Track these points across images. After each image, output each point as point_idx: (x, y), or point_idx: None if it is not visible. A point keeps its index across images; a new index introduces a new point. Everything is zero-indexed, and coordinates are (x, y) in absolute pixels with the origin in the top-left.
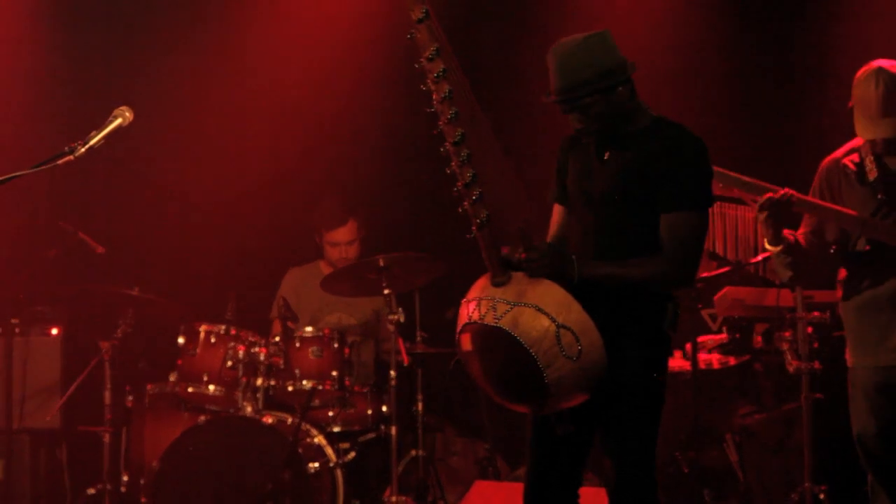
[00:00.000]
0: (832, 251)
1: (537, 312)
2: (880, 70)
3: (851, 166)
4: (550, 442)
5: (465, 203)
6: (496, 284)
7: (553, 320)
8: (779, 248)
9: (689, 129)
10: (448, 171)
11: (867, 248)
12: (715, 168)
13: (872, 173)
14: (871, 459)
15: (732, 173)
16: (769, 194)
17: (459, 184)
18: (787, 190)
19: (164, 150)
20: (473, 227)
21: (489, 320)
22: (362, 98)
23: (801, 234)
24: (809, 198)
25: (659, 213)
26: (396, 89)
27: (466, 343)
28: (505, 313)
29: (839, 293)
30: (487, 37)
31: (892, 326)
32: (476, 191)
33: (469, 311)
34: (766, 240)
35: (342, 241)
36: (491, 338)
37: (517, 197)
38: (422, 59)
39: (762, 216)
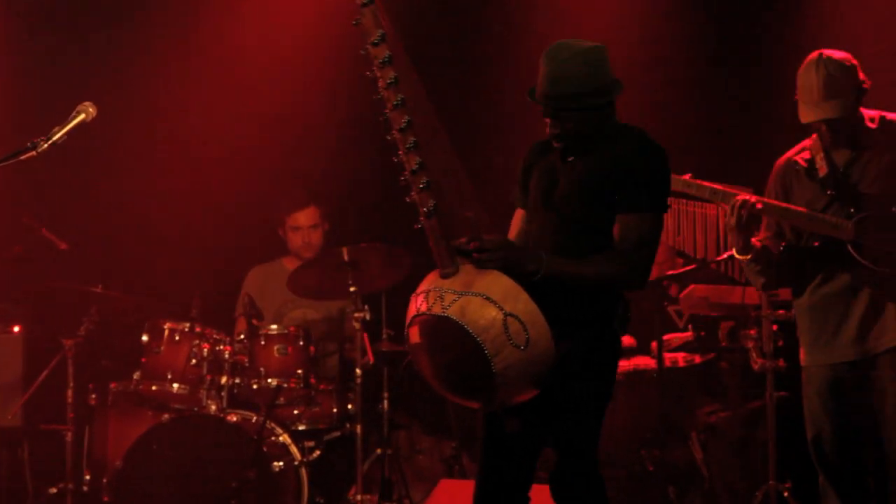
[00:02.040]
0: (782, 247)
1: (485, 301)
2: (822, 56)
3: (802, 163)
4: (501, 441)
5: (413, 191)
6: (444, 276)
7: (501, 309)
8: (748, 257)
9: (650, 135)
10: (395, 159)
11: (816, 243)
12: (679, 177)
13: (822, 169)
14: (823, 460)
15: (699, 181)
16: (739, 197)
17: (406, 172)
18: (753, 197)
19: (128, 146)
20: (421, 217)
21: (437, 310)
22: (329, 94)
23: (765, 240)
24: (774, 201)
25: (616, 215)
26: (363, 81)
27: (415, 336)
28: (452, 303)
29: (791, 293)
30: (446, 28)
31: (846, 322)
32: (423, 179)
33: (417, 303)
34: (734, 249)
35: (304, 224)
36: (439, 328)
37: (465, 188)
38: (367, 45)
39: (731, 223)
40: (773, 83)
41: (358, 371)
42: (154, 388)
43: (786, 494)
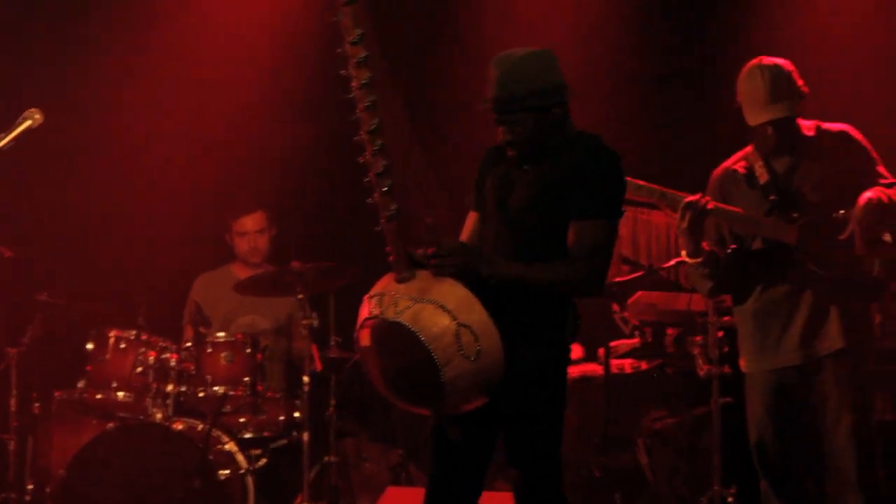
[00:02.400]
0: (729, 250)
1: (439, 309)
2: (762, 63)
3: (742, 171)
4: (450, 448)
5: (376, 194)
6: (400, 281)
7: (454, 318)
8: (698, 260)
9: (605, 142)
10: (361, 160)
11: (759, 245)
12: (631, 179)
13: (763, 177)
14: (766, 464)
15: (648, 184)
16: (688, 198)
17: (371, 174)
18: (704, 199)
19: (73, 153)
20: (382, 219)
21: (389, 315)
22: (280, 100)
23: (710, 246)
24: (722, 205)
25: (569, 222)
26: (310, 92)
27: (365, 339)
28: (406, 309)
29: (731, 299)
30: (405, 36)
31: (790, 326)
32: (387, 182)
33: (370, 307)
34: (685, 252)
35: (251, 229)
36: (390, 333)
37: (430, 195)
38: (345, 43)
39: (682, 225)
40: (718, 94)
41: (305, 378)
42: (99, 396)
43: (730, 500)
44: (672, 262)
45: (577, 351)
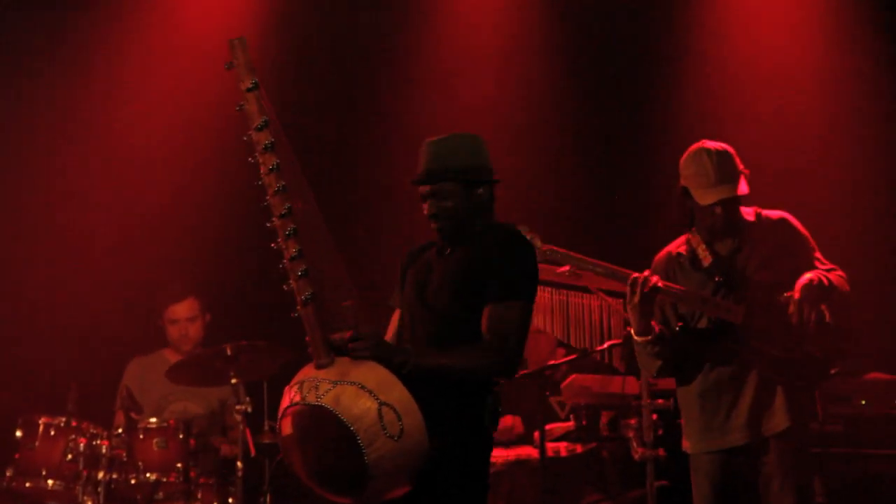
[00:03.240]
0: (678, 327)
1: (360, 390)
2: (705, 148)
3: (686, 253)
4: None
5: (291, 279)
6: (319, 367)
7: (376, 398)
8: (648, 339)
9: (520, 231)
10: (274, 245)
11: (705, 325)
12: (577, 255)
13: (707, 259)
14: None
15: (595, 260)
16: (635, 275)
17: (285, 258)
18: (654, 277)
19: None
20: (298, 305)
21: (311, 399)
22: (214, 180)
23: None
24: (672, 284)
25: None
26: (247, 168)
27: (287, 428)
28: (327, 392)
29: (676, 381)
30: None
31: (737, 406)
32: (301, 266)
33: (291, 395)
34: (633, 331)
35: (182, 317)
36: (312, 418)
37: (343, 278)
38: (250, 131)
39: (634, 300)
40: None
41: (239, 464)
42: (28, 484)
43: None
44: (606, 345)
45: (512, 422)
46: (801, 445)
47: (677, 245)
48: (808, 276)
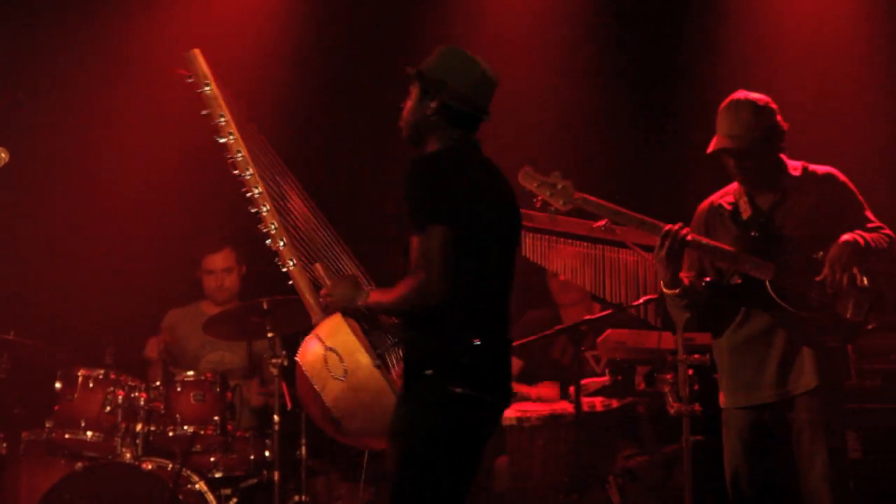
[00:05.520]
0: (705, 283)
1: (315, 340)
2: (734, 98)
3: (727, 206)
4: None
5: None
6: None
7: (323, 344)
8: (676, 291)
9: (426, 156)
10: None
11: (738, 280)
12: (612, 206)
13: (746, 212)
14: (741, 501)
15: (628, 211)
16: (666, 227)
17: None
18: (684, 229)
19: (39, 190)
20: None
21: (297, 356)
22: None
23: (688, 277)
24: (701, 237)
25: None
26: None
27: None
28: (301, 347)
29: (711, 334)
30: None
31: (766, 364)
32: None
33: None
34: (662, 282)
35: (218, 268)
36: (298, 373)
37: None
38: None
39: (661, 254)
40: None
41: (275, 417)
42: (67, 436)
43: None
44: (641, 301)
45: (552, 391)
46: (831, 404)
47: (722, 194)
48: (845, 237)
